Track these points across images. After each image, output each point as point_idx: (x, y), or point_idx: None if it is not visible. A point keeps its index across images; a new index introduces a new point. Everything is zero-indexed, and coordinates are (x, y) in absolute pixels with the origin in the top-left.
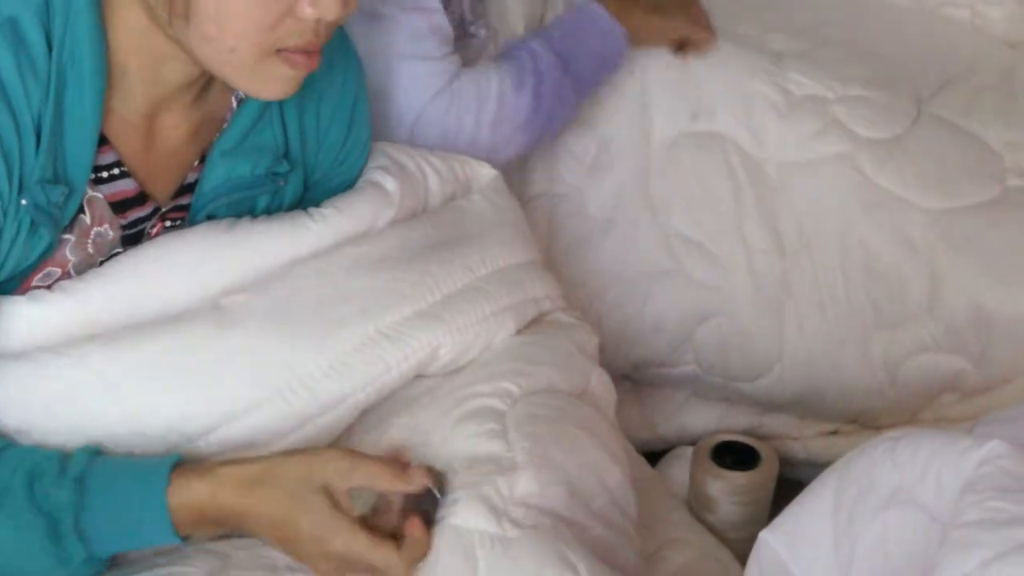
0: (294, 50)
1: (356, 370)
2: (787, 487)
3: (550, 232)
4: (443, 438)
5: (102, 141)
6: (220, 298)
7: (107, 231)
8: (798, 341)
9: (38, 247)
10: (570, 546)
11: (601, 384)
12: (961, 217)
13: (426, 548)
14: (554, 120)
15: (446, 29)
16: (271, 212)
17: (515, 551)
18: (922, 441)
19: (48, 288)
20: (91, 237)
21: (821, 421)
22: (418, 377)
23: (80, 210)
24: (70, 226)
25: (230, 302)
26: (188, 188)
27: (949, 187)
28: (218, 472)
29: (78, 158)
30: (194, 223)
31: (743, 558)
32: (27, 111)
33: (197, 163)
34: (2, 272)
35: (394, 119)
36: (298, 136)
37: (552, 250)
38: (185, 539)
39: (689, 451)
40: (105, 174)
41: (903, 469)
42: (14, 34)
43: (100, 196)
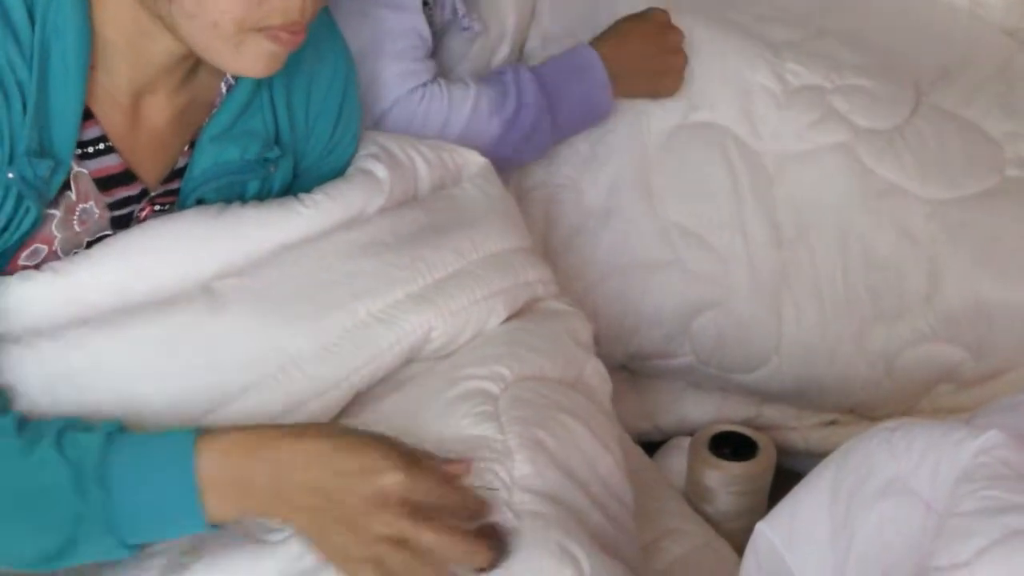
0: (279, 26)
1: (349, 353)
2: (785, 477)
3: (547, 223)
4: (434, 417)
5: (87, 116)
6: (211, 282)
7: (93, 208)
8: (796, 332)
9: (25, 222)
10: (571, 535)
11: (596, 374)
12: (960, 207)
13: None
14: (521, 153)
15: (423, 32)
16: (261, 198)
17: (515, 542)
18: (918, 431)
19: (36, 268)
20: (77, 214)
21: (819, 411)
22: (411, 361)
23: (67, 186)
24: (56, 202)
25: (222, 285)
26: (178, 173)
27: (948, 177)
28: (255, 424)
29: (63, 131)
30: (184, 207)
31: (741, 548)
32: (13, 84)
33: (187, 148)
34: None
35: (365, 113)
36: (288, 122)
37: (549, 241)
38: (211, 521)
39: (687, 441)
40: (91, 149)
41: (899, 459)
42: None
43: (85, 172)
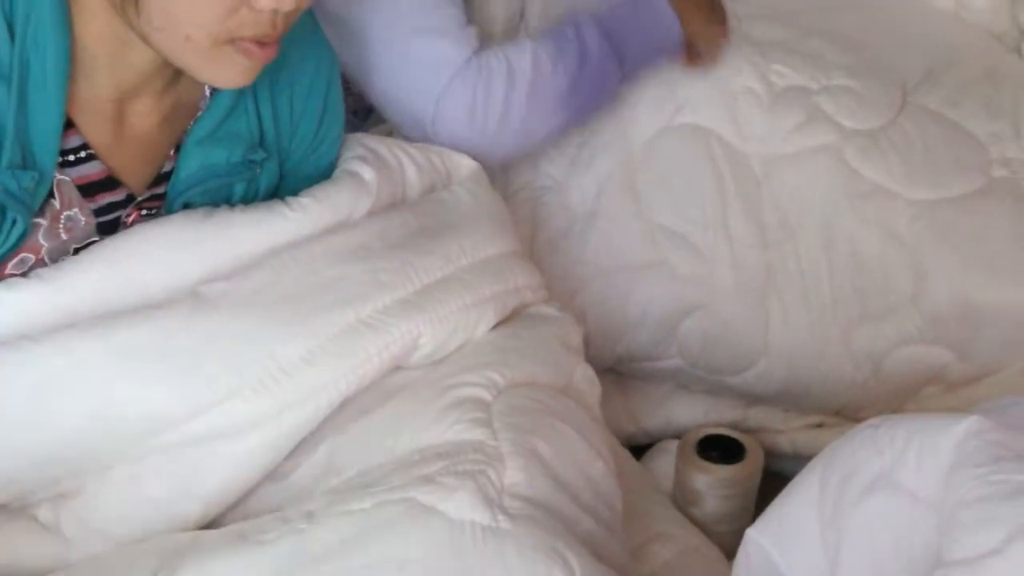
0: (250, 40)
1: (336, 358)
2: (772, 480)
3: (533, 225)
4: (427, 424)
5: (68, 125)
6: (198, 286)
7: (77, 215)
8: (783, 333)
9: (12, 234)
10: (563, 539)
11: (585, 379)
12: (946, 208)
13: None
14: (593, 102)
15: (458, 1)
16: (247, 200)
17: (508, 544)
18: (901, 424)
19: (23, 276)
20: (62, 221)
21: (806, 414)
22: (399, 369)
23: (50, 194)
24: (41, 210)
25: (208, 289)
26: (164, 177)
27: (934, 178)
28: None
29: (45, 142)
30: (171, 211)
31: (729, 552)
32: None
33: (172, 152)
34: None
35: (418, 97)
36: (272, 124)
37: (535, 243)
38: None
39: (674, 445)
40: (72, 157)
41: (884, 454)
42: None
43: (68, 179)
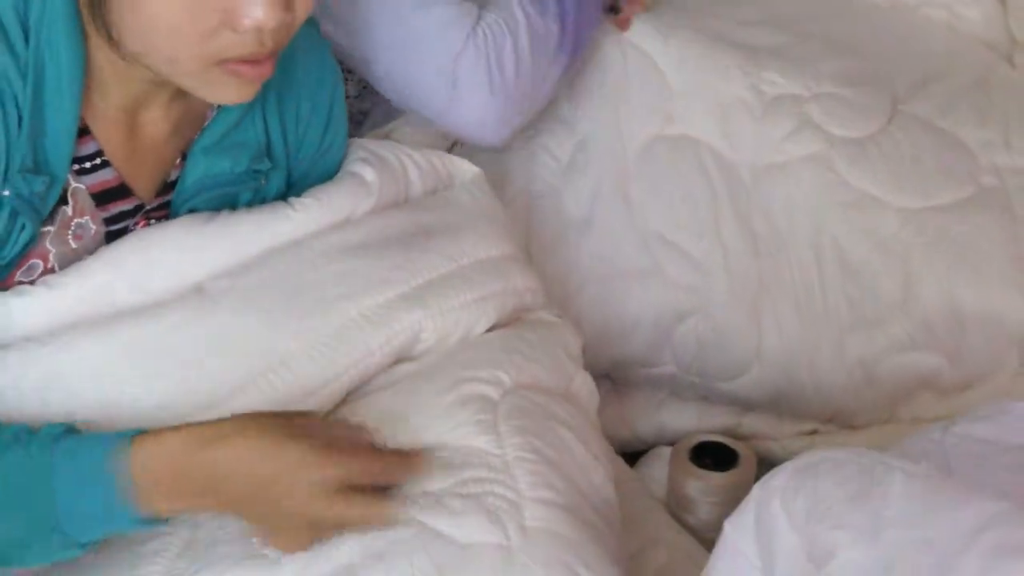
0: (238, 60)
1: (339, 353)
2: None
3: (528, 231)
4: (432, 419)
5: (84, 131)
6: (202, 283)
7: (88, 223)
8: (776, 340)
9: (21, 239)
10: (577, 551)
11: (584, 386)
12: (935, 216)
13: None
14: (583, 34)
15: None
16: None
17: (518, 564)
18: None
19: (31, 283)
20: (71, 228)
21: (799, 421)
22: (401, 360)
23: (63, 201)
24: (52, 217)
25: (212, 285)
26: (171, 186)
27: (923, 186)
28: (192, 424)
29: (58, 148)
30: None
31: None
32: (10, 98)
33: (179, 161)
34: None
35: (433, 69)
36: (280, 135)
37: (530, 249)
38: (147, 518)
39: (667, 451)
40: (88, 164)
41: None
42: None
43: (83, 187)
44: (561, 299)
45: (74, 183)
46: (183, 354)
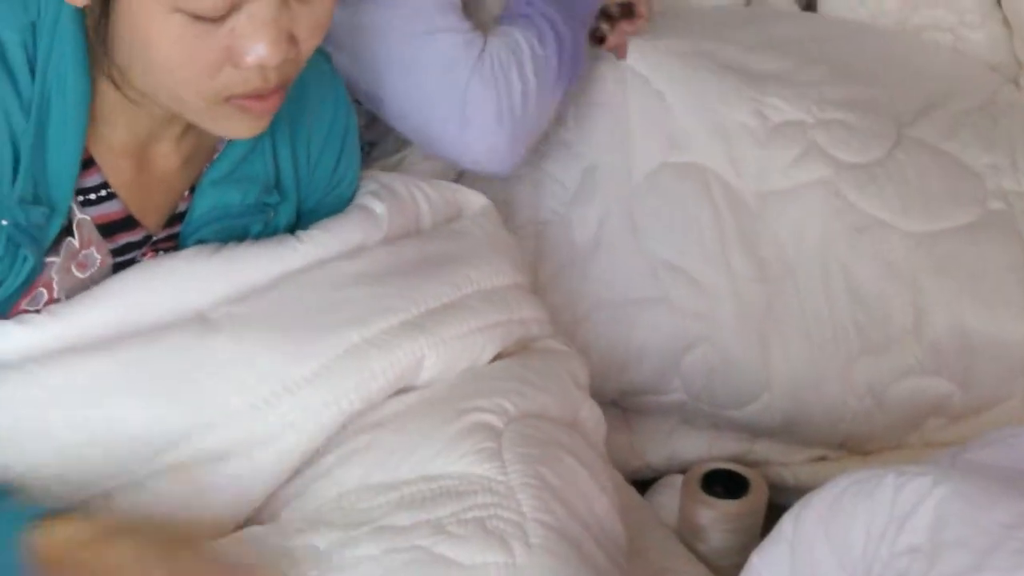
0: (244, 96)
1: (340, 377)
2: (777, 514)
3: (536, 259)
4: (437, 451)
5: (89, 163)
6: (206, 312)
7: (94, 254)
8: (785, 367)
9: (23, 270)
10: (578, 571)
11: (591, 416)
12: (943, 240)
13: None
14: (576, 64)
15: (458, 3)
16: None
17: None
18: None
19: (37, 312)
20: (77, 259)
21: (809, 447)
22: (405, 391)
23: (69, 232)
24: (56, 248)
25: (214, 313)
26: (179, 217)
27: (930, 210)
28: (89, 517)
29: (60, 180)
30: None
31: None
32: (5, 133)
33: (187, 193)
34: None
35: (441, 101)
36: (291, 167)
37: (538, 276)
38: None
39: (678, 480)
40: (93, 196)
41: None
42: None
43: (88, 219)
44: (569, 326)
45: (79, 214)
46: (185, 376)
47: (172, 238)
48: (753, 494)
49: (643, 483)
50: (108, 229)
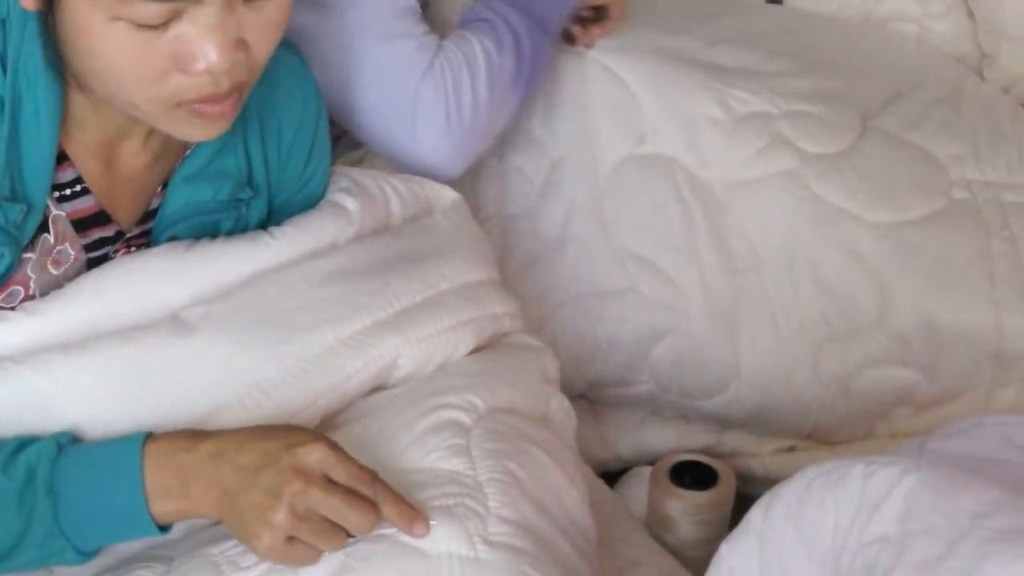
0: (196, 101)
1: (315, 377)
2: (746, 504)
3: (503, 252)
4: (404, 447)
5: (63, 158)
6: (179, 311)
7: (68, 250)
8: (752, 358)
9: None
10: (542, 568)
11: (561, 409)
12: (908, 230)
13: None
14: (537, 70)
15: (414, 5)
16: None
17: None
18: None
19: (11, 309)
20: (52, 255)
21: (778, 437)
22: (378, 389)
23: (44, 228)
24: (32, 245)
25: (189, 313)
26: (152, 214)
27: (895, 200)
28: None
29: (36, 176)
30: (156, 245)
31: None
32: None
33: (160, 189)
34: None
35: (392, 103)
36: (262, 163)
37: (506, 270)
38: (161, 524)
39: (647, 471)
40: (68, 191)
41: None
42: None
43: (63, 215)
44: (537, 320)
45: (55, 210)
46: (158, 377)
47: (145, 235)
48: (722, 485)
49: (612, 475)
50: (81, 224)
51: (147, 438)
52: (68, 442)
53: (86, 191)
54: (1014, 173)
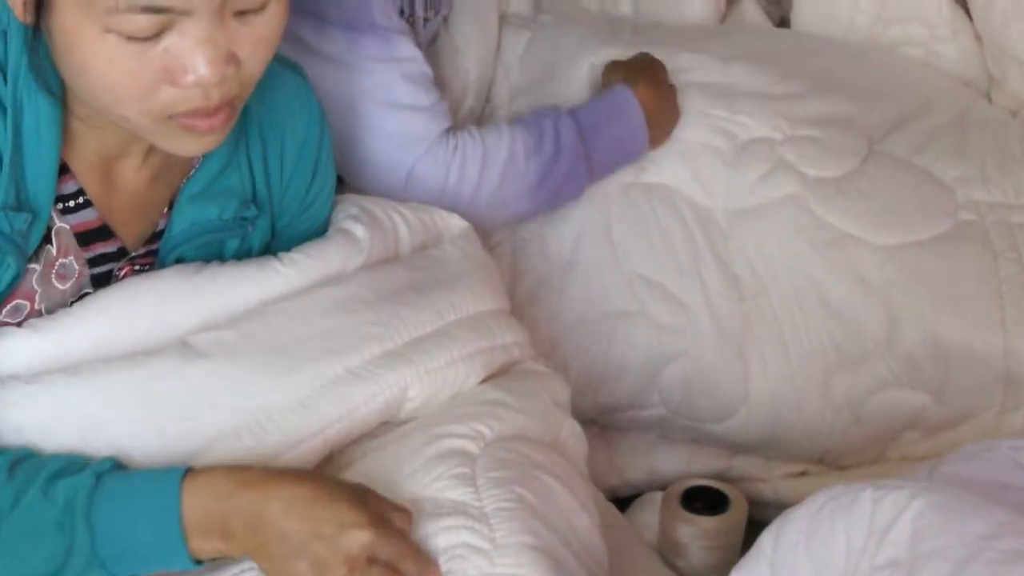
0: (187, 114)
1: (324, 407)
2: (757, 530)
3: (513, 277)
4: (410, 474)
5: (65, 170)
6: (188, 336)
7: (72, 263)
8: (763, 382)
9: (4, 277)
10: None
11: (572, 435)
12: (914, 252)
13: None
14: (559, 197)
15: (427, 73)
16: (240, 256)
17: None
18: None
19: (17, 325)
20: (55, 268)
21: (788, 462)
22: (388, 423)
23: (47, 240)
24: (36, 256)
25: (197, 339)
26: (159, 235)
27: (901, 223)
28: (241, 466)
29: (40, 185)
30: (163, 266)
31: None
32: None
33: (166, 210)
34: None
35: (385, 171)
36: (264, 181)
37: (515, 294)
38: (195, 559)
39: (658, 496)
40: (71, 203)
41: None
42: None
43: (67, 227)
44: (547, 343)
45: (58, 222)
46: (165, 404)
47: (150, 255)
48: (733, 510)
49: (623, 500)
50: (84, 238)
51: (186, 473)
52: (107, 471)
53: (88, 204)
54: (1021, 194)
